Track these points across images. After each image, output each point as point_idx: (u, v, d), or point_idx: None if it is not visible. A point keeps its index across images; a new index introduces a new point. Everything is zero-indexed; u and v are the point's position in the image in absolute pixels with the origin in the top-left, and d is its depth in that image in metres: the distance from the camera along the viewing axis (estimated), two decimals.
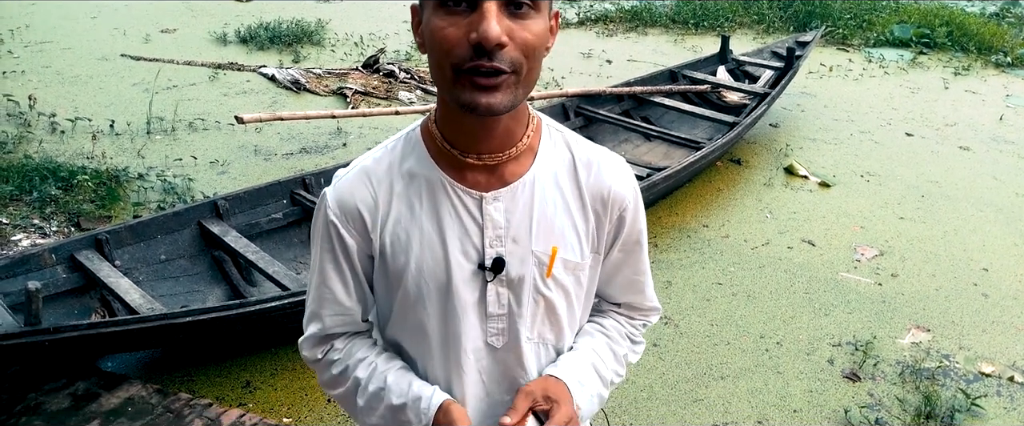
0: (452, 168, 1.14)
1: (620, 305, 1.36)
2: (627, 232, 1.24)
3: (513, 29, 0.99)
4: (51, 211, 4.02)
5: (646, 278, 1.34)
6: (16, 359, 2.81)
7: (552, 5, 1.08)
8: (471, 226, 1.14)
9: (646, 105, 5.48)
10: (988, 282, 3.85)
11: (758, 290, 3.69)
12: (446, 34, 1.00)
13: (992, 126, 6.17)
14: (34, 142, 4.92)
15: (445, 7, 1.00)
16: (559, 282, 1.19)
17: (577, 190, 1.19)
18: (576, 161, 1.20)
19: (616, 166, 1.22)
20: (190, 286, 3.36)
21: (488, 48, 0.97)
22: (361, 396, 1.22)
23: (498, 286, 1.17)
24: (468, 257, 1.15)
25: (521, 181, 1.15)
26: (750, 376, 3.10)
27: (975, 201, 4.77)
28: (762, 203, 4.60)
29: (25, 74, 6.28)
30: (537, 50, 1.02)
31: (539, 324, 1.21)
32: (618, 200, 1.21)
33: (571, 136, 1.23)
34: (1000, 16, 10.05)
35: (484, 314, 1.18)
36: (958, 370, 3.20)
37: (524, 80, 1.03)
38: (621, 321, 1.36)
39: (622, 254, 1.27)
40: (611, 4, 10.14)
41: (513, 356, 1.21)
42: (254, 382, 2.94)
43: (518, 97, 1.04)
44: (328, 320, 1.23)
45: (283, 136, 5.26)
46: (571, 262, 1.19)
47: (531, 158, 1.17)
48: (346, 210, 1.16)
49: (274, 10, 8.85)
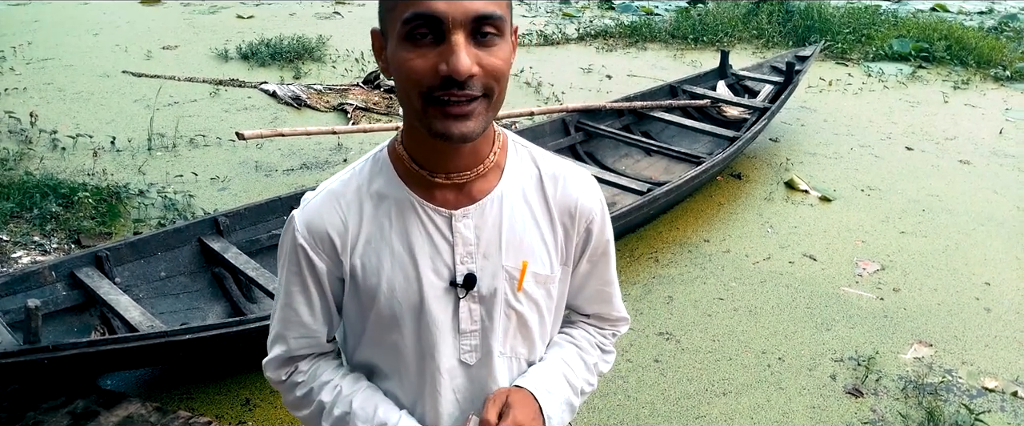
0: (420, 187, 1.15)
1: (589, 316, 1.38)
2: (594, 244, 1.26)
3: (481, 57, 1.00)
4: (51, 228, 4.02)
5: (614, 288, 1.35)
6: (15, 377, 2.79)
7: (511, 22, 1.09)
8: (441, 244, 1.15)
9: (646, 120, 5.49)
10: (990, 296, 3.84)
11: (760, 305, 3.68)
12: (414, 65, 1.00)
13: (992, 140, 6.18)
14: (35, 159, 4.93)
15: (412, 40, 1.00)
16: (530, 296, 1.21)
17: (545, 204, 1.20)
18: (542, 176, 1.21)
19: (582, 180, 1.24)
20: (190, 303, 3.35)
21: (460, 80, 0.98)
22: (326, 420, 1.22)
23: (470, 302, 1.17)
24: (439, 275, 1.16)
25: (489, 197, 1.16)
26: (752, 392, 3.09)
27: (976, 215, 4.76)
28: (763, 218, 4.59)
29: (27, 91, 6.30)
30: (505, 73, 1.04)
31: (511, 339, 1.22)
32: (585, 213, 1.22)
33: (537, 151, 1.24)
34: (999, 30, 10.08)
35: (457, 331, 1.18)
36: (961, 385, 3.19)
37: (494, 103, 1.05)
38: (590, 331, 1.38)
39: (590, 265, 1.29)
40: (611, 19, 10.18)
41: (486, 372, 1.22)
42: (254, 400, 2.93)
43: (488, 120, 1.05)
44: (293, 342, 1.24)
45: (284, 152, 5.27)
46: (541, 275, 1.20)
47: (498, 174, 1.18)
48: (315, 233, 1.16)
49: (275, 27, 8.90)
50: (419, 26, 0.99)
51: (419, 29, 0.99)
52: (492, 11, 0.99)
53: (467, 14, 0.98)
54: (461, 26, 0.98)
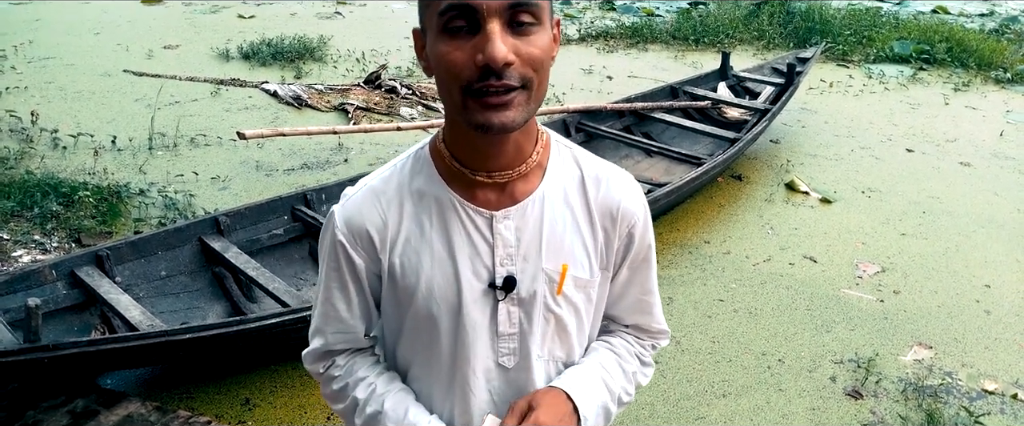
0: (462, 187, 1.14)
1: (628, 327, 1.36)
2: (636, 248, 1.24)
3: (518, 46, 0.99)
4: (52, 227, 4.02)
5: (654, 299, 1.33)
6: (15, 376, 2.80)
7: (552, 14, 1.08)
8: (482, 245, 1.14)
9: (647, 121, 5.49)
10: (990, 299, 3.84)
11: (760, 307, 3.68)
12: (453, 58, 0.99)
13: (993, 142, 6.17)
14: (36, 158, 4.93)
15: (448, 32, 1.00)
16: (569, 299, 1.19)
17: (586, 206, 1.18)
18: (585, 177, 1.19)
19: (625, 182, 1.22)
20: (190, 302, 3.35)
21: (496, 68, 0.97)
22: (359, 416, 1.22)
23: (509, 305, 1.16)
24: (479, 276, 1.14)
25: (531, 198, 1.15)
26: (752, 394, 3.09)
27: (976, 217, 4.76)
28: (763, 219, 4.59)
29: (28, 90, 6.31)
30: (544, 63, 1.02)
31: (549, 342, 1.21)
32: (627, 216, 1.20)
33: (580, 152, 1.22)
34: (1000, 32, 10.08)
35: (495, 334, 1.17)
36: (961, 387, 3.18)
37: (534, 94, 1.03)
38: (630, 340, 1.35)
39: (630, 272, 1.26)
40: (612, 21, 10.18)
41: (524, 375, 1.20)
42: (253, 399, 2.93)
43: (529, 111, 1.04)
44: (330, 337, 1.24)
45: (285, 152, 5.27)
46: (581, 279, 1.19)
47: (540, 175, 1.16)
48: (355, 230, 1.15)
49: (276, 26, 8.90)
50: (454, 17, 0.98)
51: (455, 21, 0.99)
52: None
53: (502, 2, 0.97)
54: (496, 14, 0.97)
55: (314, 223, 3.63)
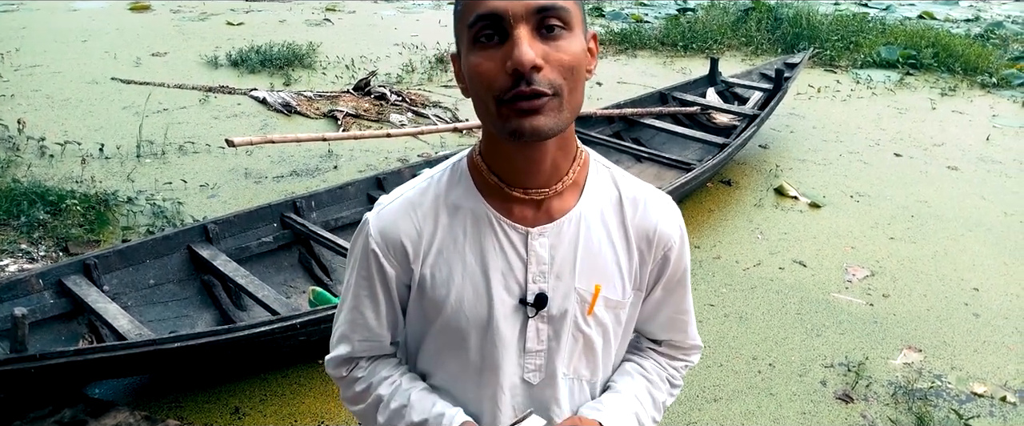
0: (498, 201, 1.14)
1: (660, 343, 1.34)
2: (671, 271, 1.23)
3: (548, 52, 0.99)
4: (39, 236, 3.99)
5: (689, 317, 1.32)
6: (2, 386, 2.77)
7: (587, 26, 1.07)
8: (515, 261, 1.14)
9: (637, 127, 5.51)
10: (979, 302, 3.86)
11: (750, 311, 3.69)
12: (483, 69, 1.00)
13: (979, 146, 6.22)
14: (23, 166, 4.90)
15: (478, 43, 1.00)
16: (599, 320, 1.19)
17: (622, 227, 1.18)
18: (623, 198, 1.19)
19: (663, 205, 1.21)
20: (179, 311, 3.33)
21: (524, 73, 0.97)
22: (382, 413, 1.22)
23: (539, 322, 1.16)
24: (510, 292, 1.14)
25: (567, 217, 1.14)
26: (743, 398, 3.09)
27: (964, 221, 4.79)
28: (753, 224, 4.61)
29: (14, 98, 6.26)
30: (576, 70, 1.01)
31: (576, 361, 1.21)
32: (664, 239, 1.19)
33: (618, 172, 1.22)
34: (985, 37, 10.16)
35: (523, 350, 1.17)
36: (950, 390, 3.20)
37: (567, 102, 1.02)
38: (662, 363, 1.34)
39: (664, 293, 1.26)
40: (600, 27, 10.21)
41: (549, 392, 1.21)
42: (243, 408, 2.91)
43: (562, 120, 1.02)
44: (357, 344, 1.24)
45: (274, 159, 5.25)
46: (613, 301, 1.18)
47: (577, 194, 1.16)
48: (389, 240, 1.16)
49: (265, 33, 8.88)
50: (484, 28, 0.99)
51: (484, 31, 0.99)
52: (554, 2, 0.98)
53: (528, 7, 0.97)
54: (523, 20, 0.98)
55: (304, 230, 3.61)
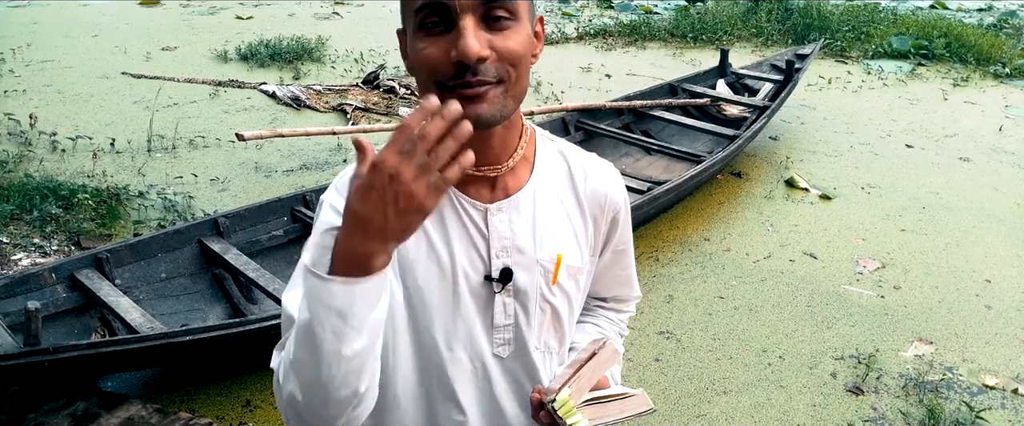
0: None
1: (606, 299, 1.40)
2: (619, 235, 1.28)
3: (494, 41, 0.99)
4: (51, 230, 4.02)
5: (633, 270, 1.38)
6: (15, 379, 2.79)
7: (534, 11, 1.07)
8: (477, 238, 1.14)
9: (646, 119, 5.49)
10: (991, 294, 3.84)
11: (760, 303, 3.68)
12: (428, 54, 1.00)
13: (992, 137, 6.17)
14: (35, 161, 4.93)
15: (424, 29, 1.00)
16: (563, 288, 1.21)
17: (575, 196, 1.21)
18: (572, 168, 1.22)
19: (609, 172, 1.26)
20: (190, 304, 3.35)
21: (469, 64, 0.97)
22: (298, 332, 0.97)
23: (505, 297, 1.17)
24: (475, 268, 1.15)
25: (523, 191, 1.16)
26: (753, 391, 3.09)
27: (976, 212, 4.76)
28: (763, 216, 4.59)
29: (26, 93, 6.30)
30: (522, 58, 1.02)
31: (545, 332, 1.22)
32: (613, 205, 1.24)
33: (564, 145, 1.25)
34: (998, 27, 10.07)
35: (490, 325, 1.18)
36: (962, 383, 3.18)
37: (512, 90, 1.03)
38: (611, 317, 1.41)
39: (614, 255, 1.31)
40: (610, 18, 10.18)
41: (520, 365, 1.21)
42: (254, 401, 2.93)
43: (507, 107, 1.03)
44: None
45: (284, 153, 5.27)
46: (574, 267, 1.21)
47: (528, 168, 1.18)
48: None
49: (274, 27, 8.89)
50: (429, 15, 0.99)
51: (429, 18, 0.99)
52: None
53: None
54: (469, 10, 0.98)
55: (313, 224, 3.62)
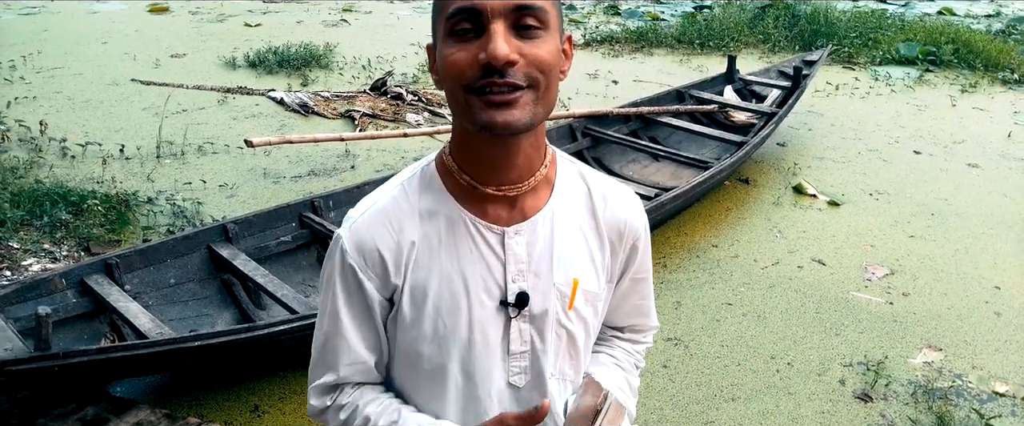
0: (471, 202, 1.12)
1: (623, 329, 1.37)
2: (639, 263, 1.25)
3: (523, 47, 0.99)
4: (61, 236, 4.04)
5: (651, 301, 1.35)
6: (26, 384, 2.81)
7: (563, 28, 1.07)
8: (493, 262, 1.12)
9: (653, 125, 5.49)
10: (1000, 300, 3.82)
11: (768, 310, 3.67)
12: (456, 59, 1.00)
13: (1000, 143, 6.15)
14: (45, 167, 4.96)
15: (454, 35, 1.00)
16: (580, 314, 1.18)
17: (594, 221, 1.18)
18: (592, 193, 1.19)
19: (630, 199, 1.23)
20: (199, 310, 3.36)
21: (498, 66, 0.97)
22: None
23: (521, 322, 1.14)
24: (490, 294, 1.12)
25: (541, 214, 1.14)
26: (761, 398, 3.08)
27: (985, 219, 4.74)
28: (771, 222, 4.58)
29: (37, 100, 6.34)
30: (551, 67, 1.01)
31: (561, 360, 1.20)
32: (632, 231, 1.21)
33: (585, 168, 1.23)
34: (1006, 33, 10.03)
35: (507, 352, 1.15)
36: (971, 390, 3.17)
37: (542, 98, 1.02)
38: (627, 348, 1.37)
39: (631, 283, 1.28)
40: (617, 25, 10.19)
41: (537, 394, 1.18)
42: (263, 406, 2.93)
43: (537, 115, 1.02)
44: (343, 370, 1.17)
45: (292, 159, 5.29)
46: (591, 293, 1.18)
47: (548, 190, 1.16)
48: (366, 253, 1.11)
49: (283, 34, 8.93)
50: (461, 21, 0.99)
51: (461, 24, 0.99)
52: (532, 2, 0.99)
53: (506, 4, 0.98)
54: (500, 16, 0.98)
55: (322, 230, 3.64)
